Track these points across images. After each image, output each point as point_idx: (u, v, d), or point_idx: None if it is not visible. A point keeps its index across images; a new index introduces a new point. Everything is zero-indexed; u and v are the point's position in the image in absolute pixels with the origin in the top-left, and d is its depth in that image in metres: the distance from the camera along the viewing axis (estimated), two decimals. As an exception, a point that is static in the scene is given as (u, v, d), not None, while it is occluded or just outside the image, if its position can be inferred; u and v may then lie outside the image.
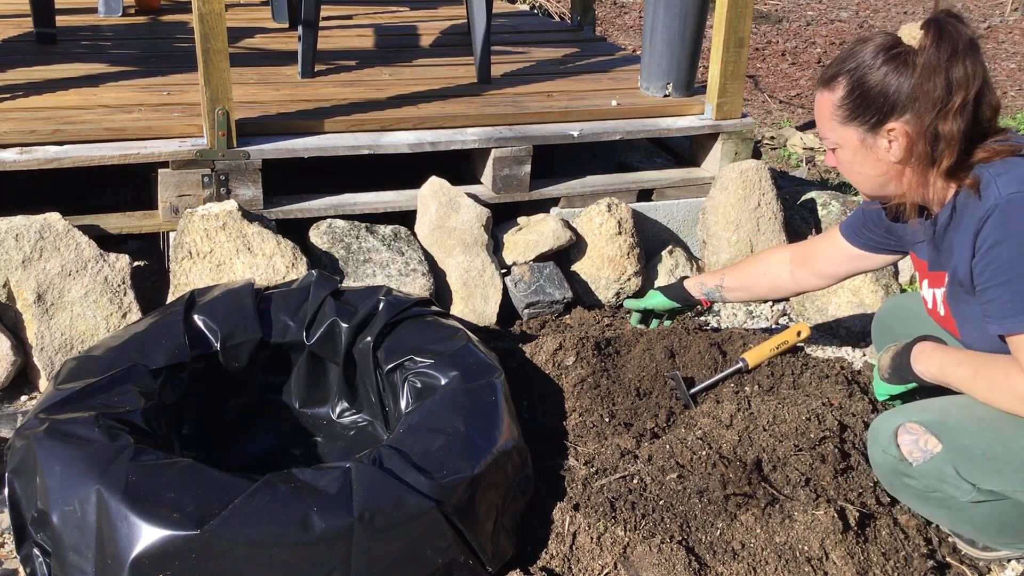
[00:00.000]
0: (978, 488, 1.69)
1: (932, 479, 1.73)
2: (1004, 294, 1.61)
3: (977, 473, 1.69)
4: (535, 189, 2.93)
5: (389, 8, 4.44)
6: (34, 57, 3.24)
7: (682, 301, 2.49)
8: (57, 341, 2.32)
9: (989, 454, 1.69)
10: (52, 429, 1.73)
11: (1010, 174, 1.62)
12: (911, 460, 1.75)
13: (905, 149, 1.69)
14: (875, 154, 1.73)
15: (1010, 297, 1.60)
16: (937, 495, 1.75)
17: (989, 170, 1.64)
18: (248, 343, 2.13)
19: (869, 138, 1.72)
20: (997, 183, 1.62)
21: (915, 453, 1.75)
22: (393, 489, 1.67)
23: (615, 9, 7.67)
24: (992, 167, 1.64)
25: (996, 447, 1.69)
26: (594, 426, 2.16)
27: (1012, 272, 1.59)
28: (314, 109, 2.85)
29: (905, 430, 1.77)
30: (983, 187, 1.63)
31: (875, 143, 1.72)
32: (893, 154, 1.71)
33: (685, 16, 3.06)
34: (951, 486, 1.72)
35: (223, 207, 2.50)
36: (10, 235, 2.33)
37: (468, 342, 2.12)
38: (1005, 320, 1.61)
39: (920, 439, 1.75)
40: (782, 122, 5.19)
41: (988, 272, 1.63)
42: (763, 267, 2.36)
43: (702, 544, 1.82)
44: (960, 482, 1.70)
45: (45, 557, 1.65)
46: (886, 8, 8.13)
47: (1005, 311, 1.61)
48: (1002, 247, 1.60)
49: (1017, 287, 1.59)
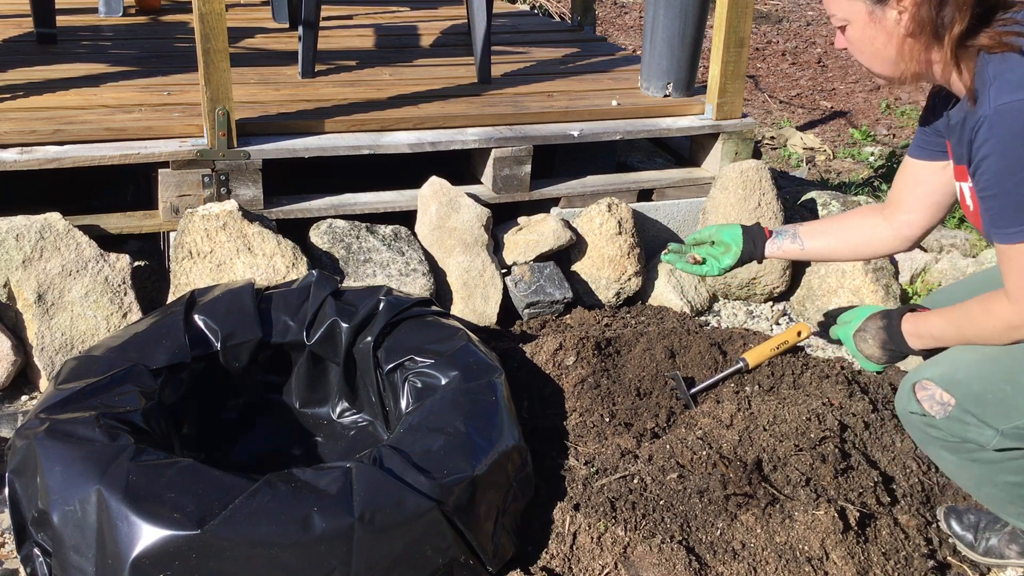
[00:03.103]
0: (1001, 432, 1.69)
1: (956, 428, 1.73)
2: (993, 207, 1.60)
3: (994, 415, 1.69)
4: (535, 189, 2.93)
5: (389, 8, 4.44)
6: (34, 57, 3.24)
7: (750, 243, 2.16)
8: (57, 341, 2.32)
9: (1000, 396, 1.69)
10: (52, 429, 1.73)
11: (1003, 79, 1.57)
12: (933, 414, 1.75)
13: (913, 19, 1.62)
14: (884, 28, 1.66)
15: (998, 210, 1.59)
16: (966, 447, 1.74)
17: (988, 69, 1.59)
18: (248, 343, 2.13)
19: (878, 10, 1.65)
20: (990, 91, 1.57)
21: (934, 407, 1.75)
22: (393, 489, 1.67)
23: (615, 9, 7.67)
24: (991, 65, 1.59)
25: (1005, 387, 1.69)
26: (594, 426, 2.16)
27: (999, 187, 1.58)
28: (314, 109, 2.86)
29: (921, 387, 1.77)
30: (979, 92, 1.59)
31: (884, 15, 1.64)
32: (904, 26, 1.63)
33: (685, 16, 3.06)
34: (975, 432, 1.71)
35: (223, 207, 2.50)
36: (10, 235, 2.33)
37: (468, 342, 2.12)
38: (994, 231, 1.62)
39: (935, 394, 1.75)
40: (782, 122, 5.19)
41: (981, 182, 1.62)
42: (852, 221, 2.10)
43: (702, 544, 1.82)
44: (982, 427, 1.70)
45: (45, 557, 1.65)
46: (886, 8, 8.12)
47: (995, 222, 1.61)
48: (990, 160, 1.58)
49: (1003, 202, 1.58)
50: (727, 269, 2.16)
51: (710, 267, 2.17)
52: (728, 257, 2.15)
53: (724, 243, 2.15)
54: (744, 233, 2.14)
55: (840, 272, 2.89)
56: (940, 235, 3.25)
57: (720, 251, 2.17)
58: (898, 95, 5.67)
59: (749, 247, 2.14)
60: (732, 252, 2.15)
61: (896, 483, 2.09)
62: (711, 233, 2.19)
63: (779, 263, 2.95)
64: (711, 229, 2.20)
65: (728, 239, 2.15)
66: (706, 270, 2.17)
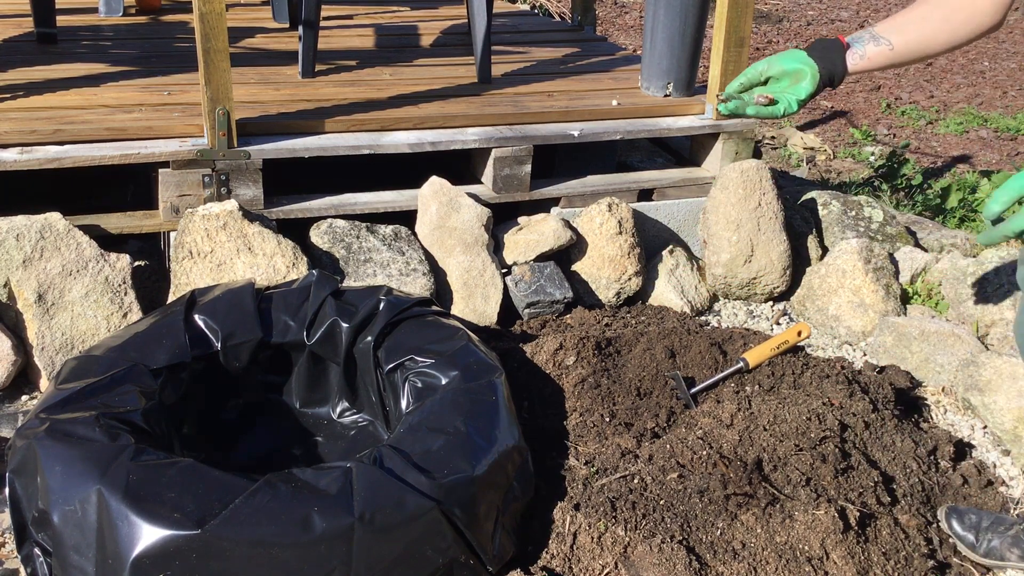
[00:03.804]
0: None
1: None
2: None
3: None
4: (535, 189, 2.93)
5: (389, 8, 4.44)
6: (35, 57, 3.24)
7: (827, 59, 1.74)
8: (58, 341, 2.32)
9: None
10: (53, 429, 1.73)
11: None
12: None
13: None
14: None
15: None
16: None
17: None
18: (249, 343, 2.13)
19: None
20: None
21: None
22: (394, 489, 1.67)
23: (615, 9, 7.67)
24: None
25: None
26: (594, 426, 2.16)
27: None
28: (314, 109, 2.85)
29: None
30: None
31: None
32: None
33: (686, 16, 3.06)
34: None
35: (224, 207, 2.50)
36: (11, 235, 2.33)
37: (468, 342, 2.12)
38: None
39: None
40: (782, 122, 5.19)
41: None
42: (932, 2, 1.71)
43: (703, 544, 1.82)
44: None
45: (46, 557, 1.65)
46: (886, 8, 8.13)
47: None
48: None
49: None
50: (807, 100, 1.74)
51: (786, 102, 1.73)
52: (805, 84, 1.72)
53: (791, 71, 1.73)
54: (812, 52, 1.74)
55: (841, 272, 2.89)
56: (941, 235, 3.25)
57: (788, 83, 1.74)
58: (898, 95, 5.67)
59: (828, 64, 1.72)
60: (808, 77, 1.72)
61: (896, 483, 2.09)
62: (764, 69, 1.76)
63: (779, 263, 2.95)
64: (762, 65, 1.76)
65: (795, 64, 1.73)
66: (783, 108, 1.73)
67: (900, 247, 3.10)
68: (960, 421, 2.48)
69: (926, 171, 4.40)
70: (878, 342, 2.73)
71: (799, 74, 1.73)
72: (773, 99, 1.73)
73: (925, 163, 4.61)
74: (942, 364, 2.59)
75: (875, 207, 3.21)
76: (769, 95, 1.73)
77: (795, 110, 1.73)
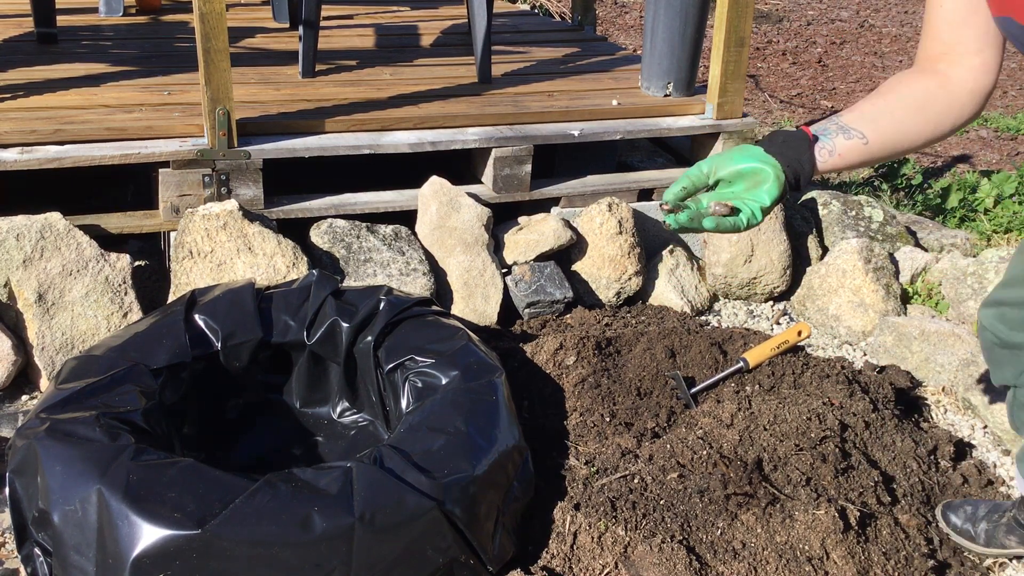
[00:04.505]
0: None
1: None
2: None
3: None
4: (536, 189, 2.93)
5: (390, 8, 4.44)
6: (35, 57, 3.24)
7: (791, 156, 1.41)
8: (58, 341, 2.32)
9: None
10: (53, 429, 1.73)
11: None
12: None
13: None
14: None
15: None
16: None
17: None
18: (249, 343, 2.13)
19: None
20: None
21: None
22: (394, 489, 1.67)
23: (616, 9, 7.67)
24: None
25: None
26: (595, 426, 2.16)
27: None
28: (315, 109, 2.85)
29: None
30: None
31: None
32: None
33: (686, 16, 3.06)
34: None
35: (224, 207, 2.50)
36: (11, 235, 2.33)
37: (469, 342, 2.12)
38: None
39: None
40: (783, 122, 5.19)
41: None
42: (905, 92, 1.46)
43: (703, 544, 1.82)
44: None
45: (46, 557, 1.65)
46: (887, 8, 8.13)
47: None
48: None
49: None
50: (771, 208, 1.40)
51: (748, 211, 1.38)
52: (768, 187, 1.38)
53: (747, 172, 1.39)
54: (771, 147, 1.40)
55: (841, 272, 2.89)
56: (941, 235, 3.25)
57: (744, 186, 1.40)
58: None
59: (792, 162, 1.39)
60: (771, 179, 1.38)
61: (896, 483, 2.09)
62: (710, 169, 1.41)
63: (779, 262, 2.94)
64: (707, 164, 1.42)
65: (752, 163, 1.39)
66: (746, 219, 1.38)
67: (900, 247, 3.10)
68: (960, 421, 2.48)
69: (926, 171, 4.40)
70: (878, 342, 2.73)
71: (758, 175, 1.39)
72: (733, 207, 1.37)
73: (925, 163, 4.61)
74: (942, 364, 2.59)
75: (875, 207, 3.21)
76: (728, 202, 1.37)
77: (759, 221, 1.39)
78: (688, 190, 1.40)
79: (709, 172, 1.41)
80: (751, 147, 1.41)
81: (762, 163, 1.38)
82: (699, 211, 1.37)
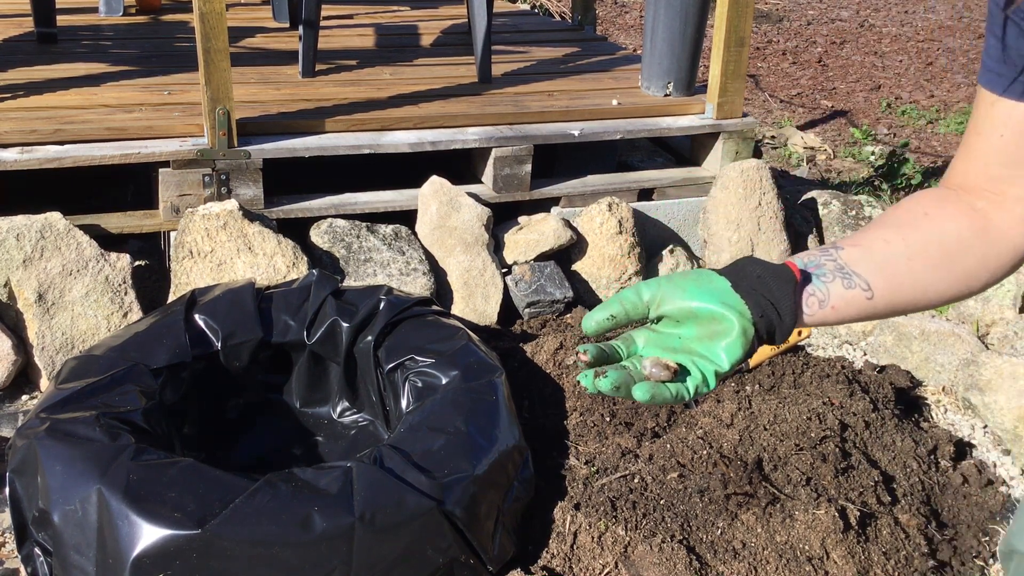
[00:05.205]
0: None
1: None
2: None
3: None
4: (536, 188, 2.92)
5: (390, 8, 4.44)
6: (35, 57, 3.24)
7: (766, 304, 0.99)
8: (58, 340, 2.32)
9: None
10: (53, 428, 1.73)
11: None
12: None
13: None
14: None
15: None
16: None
17: None
18: (249, 343, 2.13)
19: None
20: None
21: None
22: (394, 489, 1.67)
23: (616, 8, 7.67)
24: None
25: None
26: (595, 425, 2.16)
27: None
28: (315, 108, 2.85)
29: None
30: None
31: None
32: None
33: (686, 15, 3.06)
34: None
35: (224, 207, 2.50)
36: (11, 235, 2.33)
37: (469, 341, 2.12)
38: None
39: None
40: (783, 121, 5.19)
41: None
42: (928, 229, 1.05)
43: (703, 543, 1.82)
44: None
45: (46, 556, 1.65)
46: (887, 8, 8.13)
47: None
48: None
49: None
50: (731, 372, 1.06)
51: (698, 377, 0.96)
52: (730, 343, 0.96)
53: (703, 315, 0.98)
54: (740, 284, 1.00)
55: (840, 271, 2.88)
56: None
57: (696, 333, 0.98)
58: (898, 94, 5.67)
59: (766, 309, 0.98)
60: (735, 332, 0.96)
61: (896, 482, 2.09)
62: (652, 298, 0.99)
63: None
64: (647, 290, 0.99)
65: (710, 304, 0.97)
66: (694, 386, 0.96)
67: (900, 247, 3.09)
68: (960, 421, 2.48)
69: (926, 171, 4.40)
70: (878, 341, 2.73)
71: (717, 323, 0.97)
72: (677, 368, 0.96)
73: (925, 162, 4.61)
74: (942, 364, 2.59)
75: (875, 206, 3.21)
76: (671, 363, 0.96)
77: (712, 388, 0.98)
78: (617, 320, 0.98)
79: (651, 302, 0.99)
80: (714, 277, 1.00)
81: (724, 308, 0.97)
82: (629, 373, 0.95)
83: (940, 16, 7.85)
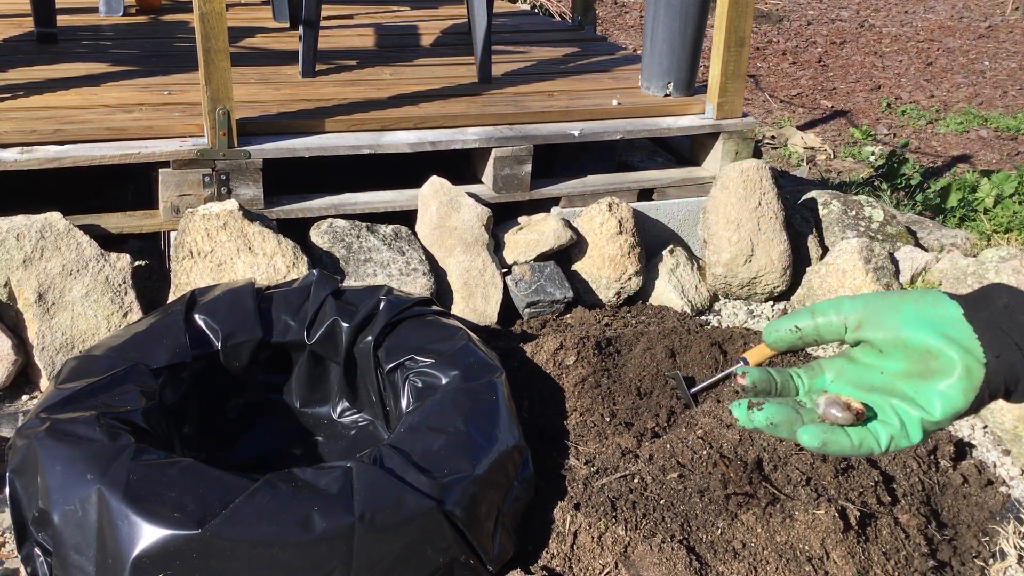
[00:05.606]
0: None
1: None
2: None
3: None
4: (536, 188, 2.92)
5: (390, 8, 4.44)
6: (35, 57, 3.24)
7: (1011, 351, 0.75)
8: (58, 340, 2.32)
9: None
10: (53, 429, 1.73)
11: None
12: None
13: None
14: None
15: None
16: None
17: None
18: (249, 343, 2.13)
19: None
20: None
21: None
22: (394, 489, 1.67)
23: (616, 8, 7.67)
24: None
25: None
26: (595, 425, 2.16)
27: None
28: (315, 109, 2.85)
29: None
30: None
31: None
32: None
33: (686, 15, 3.06)
34: None
35: (224, 207, 2.50)
36: (11, 235, 2.33)
37: (469, 342, 2.12)
38: None
39: None
40: (783, 121, 5.19)
41: None
42: None
43: (703, 543, 1.82)
44: None
45: (46, 556, 1.65)
46: (887, 8, 8.13)
47: None
48: None
49: None
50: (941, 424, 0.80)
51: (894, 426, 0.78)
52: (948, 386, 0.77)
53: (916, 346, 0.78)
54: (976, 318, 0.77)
55: (841, 272, 2.89)
56: (941, 235, 3.25)
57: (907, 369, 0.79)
58: (898, 94, 5.67)
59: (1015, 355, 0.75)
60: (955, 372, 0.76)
61: (896, 482, 2.09)
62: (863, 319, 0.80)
63: (779, 262, 2.94)
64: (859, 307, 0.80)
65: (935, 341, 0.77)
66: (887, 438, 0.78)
67: (900, 247, 3.10)
68: (960, 421, 2.48)
69: (926, 171, 4.40)
70: (878, 342, 2.72)
71: (935, 360, 0.77)
72: (862, 410, 0.78)
73: (925, 163, 4.61)
74: (942, 364, 2.58)
75: (875, 207, 3.21)
76: (855, 402, 0.79)
77: (913, 443, 0.78)
78: (803, 336, 0.80)
79: (851, 322, 0.79)
80: (941, 299, 0.78)
81: (944, 341, 0.75)
82: (796, 410, 0.79)
83: (940, 16, 7.85)
